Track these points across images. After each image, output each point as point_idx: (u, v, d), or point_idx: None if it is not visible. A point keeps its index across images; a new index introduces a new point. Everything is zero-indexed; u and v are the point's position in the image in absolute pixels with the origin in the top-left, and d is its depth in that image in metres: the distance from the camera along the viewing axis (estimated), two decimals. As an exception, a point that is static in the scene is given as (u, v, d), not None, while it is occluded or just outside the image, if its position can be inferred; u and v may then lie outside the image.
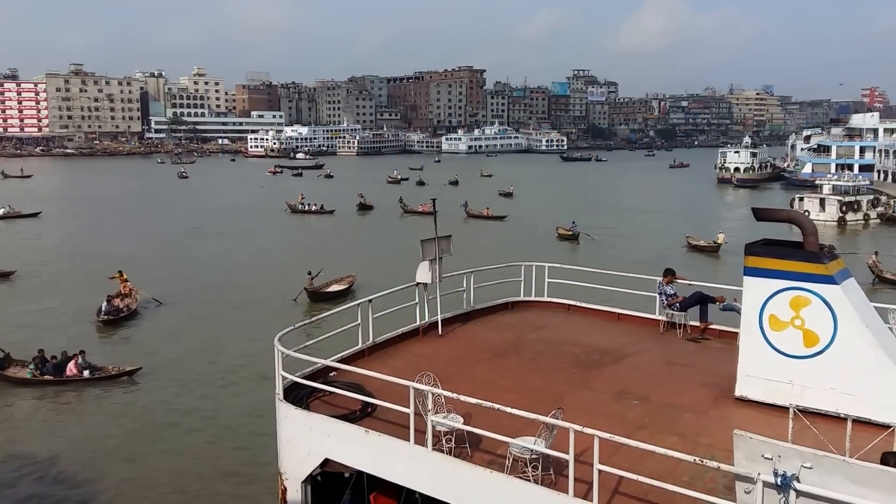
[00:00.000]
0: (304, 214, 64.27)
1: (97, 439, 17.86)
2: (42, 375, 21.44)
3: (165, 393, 20.85)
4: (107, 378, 21.62)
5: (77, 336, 25.20)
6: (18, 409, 19.94)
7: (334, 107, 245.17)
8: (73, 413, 19.85)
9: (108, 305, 28.48)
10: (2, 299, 32.11)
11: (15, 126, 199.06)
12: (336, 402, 9.77)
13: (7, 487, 15.31)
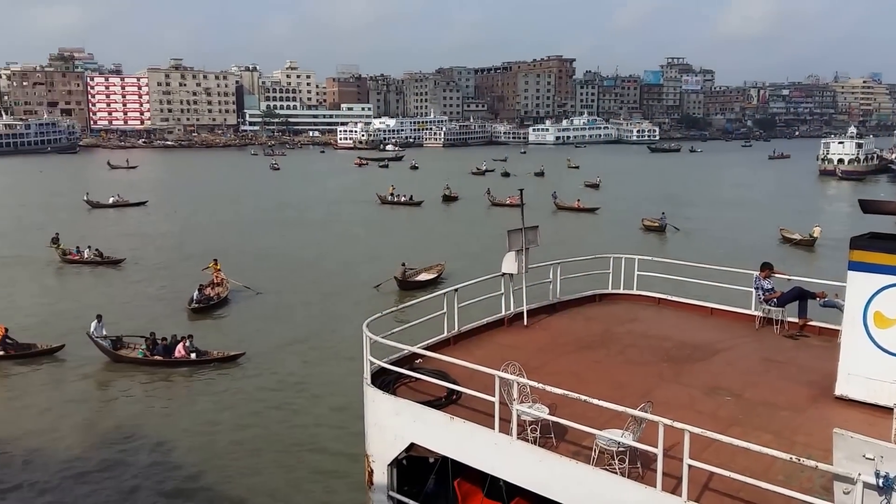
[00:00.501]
0: (394, 206, 64.80)
1: (200, 417, 18.66)
2: (152, 356, 22.37)
3: (261, 376, 21.55)
4: (211, 361, 22.44)
5: (170, 322, 26.24)
6: (131, 387, 20.90)
7: (421, 98, 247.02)
8: (180, 392, 20.69)
9: (199, 294, 29.37)
10: (111, 285, 33.67)
11: (119, 119, 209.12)
12: (421, 389, 9.88)
13: (118, 460, 16.10)
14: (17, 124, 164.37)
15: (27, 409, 19.13)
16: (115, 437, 17.33)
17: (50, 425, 17.98)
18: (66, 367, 22.22)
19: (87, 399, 19.97)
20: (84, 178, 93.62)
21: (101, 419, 18.51)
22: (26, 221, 53.66)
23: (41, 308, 29.11)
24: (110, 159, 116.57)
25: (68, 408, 19.14)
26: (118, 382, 21.20)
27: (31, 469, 15.67)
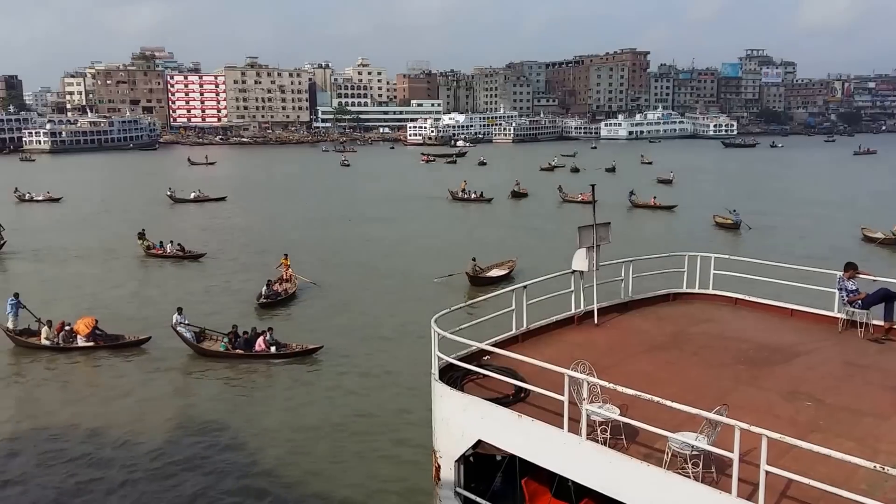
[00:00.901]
0: (465, 202, 64.43)
1: (278, 409, 18.92)
2: (234, 349, 22.72)
3: (336, 370, 21.78)
4: (290, 354, 22.64)
5: (238, 317, 26.55)
6: (213, 380, 21.27)
7: (491, 94, 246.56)
8: (260, 385, 20.95)
9: (268, 290, 29.55)
10: (190, 279, 34.48)
11: (197, 116, 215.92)
12: (489, 386, 9.84)
13: (198, 451, 16.51)
14: (101, 122, 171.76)
15: (114, 399, 19.76)
16: (196, 429, 17.76)
17: (135, 415, 18.51)
18: (152, 359, 22.81)
19: (171, 390, 20.49)
20: (166, 174, 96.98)
21: (184, 410, 18.98)
22: (113, 215, 55.79)
23: (127, 300, 30.08)
24: (190, 156, 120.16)
25: (153, 398, 19.70)
26: (201, 374, 21.66)
27: (115, 458, 16.16)
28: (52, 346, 23.39)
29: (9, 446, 16.78)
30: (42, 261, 38.41)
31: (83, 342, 23.39)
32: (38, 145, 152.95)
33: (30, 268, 36.77)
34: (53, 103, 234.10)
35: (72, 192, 69.07)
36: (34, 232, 47.59)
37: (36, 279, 33.41)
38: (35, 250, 41.01)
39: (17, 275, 35.05)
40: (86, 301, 29.05)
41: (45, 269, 36.24)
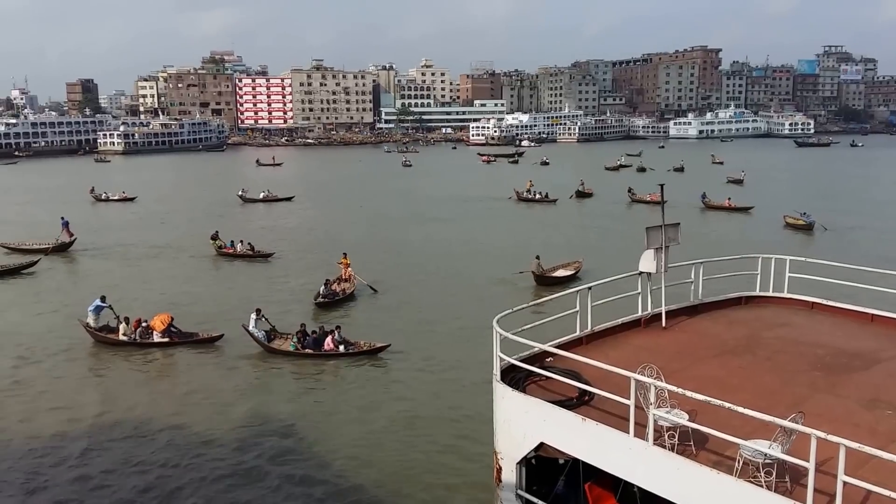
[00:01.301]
0: (529, 202, 63.50)
1: (344, 407, 19.02)
2: (303, 349, 22.80)
3: (401, 368, 21.81)
4: (358, 353, 22.71)
5: (303, 316, 26.75)
6: (282, 378, 21.44)
7: (556, 93, 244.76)
8: (328, 383, 21.04)
9: (326, 289, 29.35)
10: (259, 277, 34.92)
11: (264, 118, 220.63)
12: (552, 388, 9.70)
13: (267, 449, 16.64)
14: (171, 124, 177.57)
15: (186, 394, 20.17)
16: (265, 426, 17.90)
17: (205, 411, 18.81)
18: (224, 356, 23.12)
19: (242, 387, 20.73)
20: (234, 175, 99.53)
21: (253, 407, 19.17)
22: (186, 215, 57.19)
23: (198, 298, 30.58)
24: (259, 157, 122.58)
25: (224, 395, 20.01)
26: (271, 373, 21.87)
27: (185, 453, 16.44)
28: (129, 341, 24.01)
29: (86, 438, 17.29)
30: (116, 258, 39.52)
31: (158, 338, 23.94)
32: (112, 147, 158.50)
33: (105, 265, 37.87)
34: (127, 106, 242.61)
35: (145, 192, 71.11)
36: (110, 230, 49.14)
37: (110, 276, 34.39)
38: (110, 248, 42.31)
39: (94, 272, 36.18)
40: (158, 298, 29.78)
41: (120, 267, 37.31)
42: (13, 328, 26.26)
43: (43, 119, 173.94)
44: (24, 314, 28.41)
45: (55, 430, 17.71)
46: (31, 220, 47.84)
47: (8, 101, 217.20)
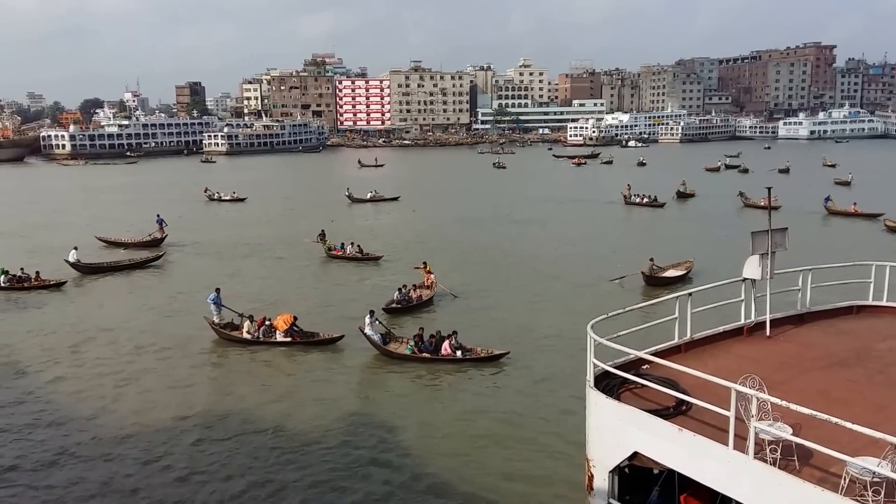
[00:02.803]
0: (636, 206, 60.97)
1: (454, 411, 18.96)
2: (420, 353, 22.65)
3: (508, 376, 21.41)
4: (476, 359, 22.33)
5: (404, 319, 26.79)
6: (398, 381, 21.40)
7: (658, 92, 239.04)
8: (445, 388, 20.92)
9: (400, 295, 28.74)
10: (366, 280, 34.61)
11: (363, 120, 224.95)
12: (647, 396, 9.49)
13: (376, 452, 16.71)
14: (273, 125, 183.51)
15: (304, 393, 20.49)
16: (378, 428, 17.92)
17: (320, 410, 19.00)
18: (342, 357, 23.37)
19: (358, 389, 20.89)
20: (337, 176, 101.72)
21: (367, 409, 19.25)
22: (295, 216, 58.33)
23: (308, 299, 30.75)
24: (361, 158, 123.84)
25: (340, 396, 20.19)
26: (387, 376, 21.88)
27: (298, 450, 16.72)
28: (252, 339, 24.50)
29: (199, 430, 17.94)
30: (229, 258, 40.64)
31: (281, 337, 24.34)
32: (216, 147, 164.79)
33: (218, 264, 39.00)
34: (232, 108, 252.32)
35: (253, 193, 73.09)
36: (224, 229, 50.93)
37: (224, 275, 35.30)
38: (225, 246, 43.71)
39: (210, 269, 37.32)
40: (270, 297, 30.44)
41: (235, 265, 38.38)
42: (143, 323, 27.49)
43: (153, 121, 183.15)
44: (152, 308, 29.77)
45: (171, 421, 18.48)
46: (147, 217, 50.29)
47: (121, 102, 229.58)
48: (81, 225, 53.02)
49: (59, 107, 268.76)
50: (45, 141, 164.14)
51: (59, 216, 60.50)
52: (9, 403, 19.85)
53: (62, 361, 23.32)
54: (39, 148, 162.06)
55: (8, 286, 32.42)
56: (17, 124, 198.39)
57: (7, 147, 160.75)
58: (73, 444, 17.18)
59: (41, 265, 35.18)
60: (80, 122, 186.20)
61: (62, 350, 24.40)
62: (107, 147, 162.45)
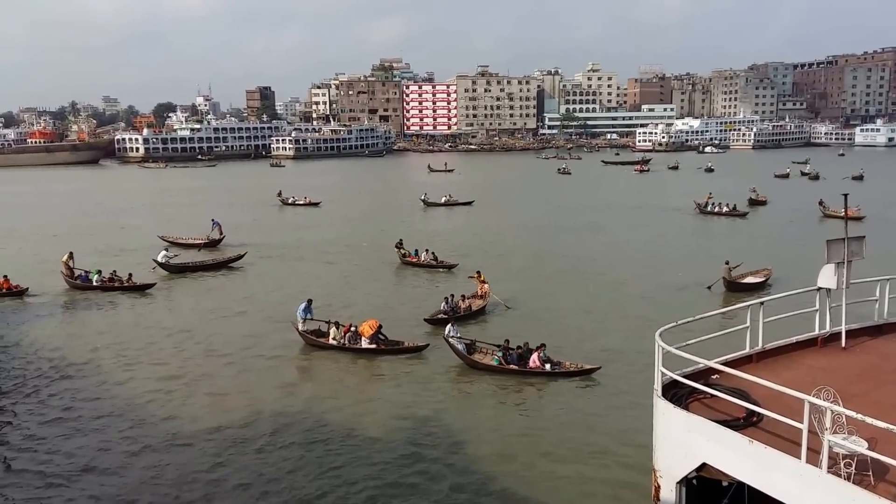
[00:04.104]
0: (713, 216, 58.41)
1: (536, 426, 18.51)
2: (507, 364, 22.04)
3: (607, 390, 20.85)
4: (565, 374, 21.68)
5: (414, 331, 26.25)
6: (482, 393, 20.96)
7: (730, 97, 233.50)
8: (532, 402, 20.34)
9: (447, 305, 27.97)
10: (440, 287, 32.98)
11: (429, 124, 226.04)
12: (716, 406, 9.35)
13: (457, 463, 16.59)
14: (341, 130, 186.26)
15: (386, 401, 20.27)
16: (457, 441, 17.68)
17: (399, 419, 18.85)
18: (426, 366, 23.04)
19: (441, 399, 20.58)
20: (408, 180, 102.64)
21: (448, 420, 18.89)
22: (369, 221, 58.62)
23: (385, 305, 30.45)
24: (430, 163, 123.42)
25: (422, 404, 19.92)
26: (470, 387, 21.48)
27: (373, 458, 16.79)
28: (338, 345, 24.50)
29: (281, 432, 18.17)
30: (305, 261, 40.94)
31: (366, 344, 24.18)
32: (284, 151, 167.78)
33: (295, 267, 39.34)
34: (301, 112, 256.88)
35: (326, 197, 73.53)
36: (298, 233, 51.54)
37: (300, 279, 35.72)
38: (298, 250, 44.18)
39: (285, 273, 37.70)
40: (347, 303, 30.24)
41: (308, 269, 38.55)
42: (227, 325, 27.99)
43: (224, 125, 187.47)
44: (237, 310, 30.28)
45: (251, 421, 18.78)
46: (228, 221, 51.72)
47: (193, 106, 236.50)
48: (150, 225, 54.52)
49: (134, 111, 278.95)
50: (119, 144, 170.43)
51: (128, 217, 62.66)
52: (86, 399, 20.59)
53: (144, 361, 23.88)
54: (114, 151, 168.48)
55: (100, 286, 33.54)
56: (92, 127, 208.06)
57: (83, 150, 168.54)
58: (147, 442, 17.67)
59: (119, 265, 36.42)
60: (154, 126, 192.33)
61: (147, 349, 25.03)
62: (178, 150, 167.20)
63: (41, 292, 33.27)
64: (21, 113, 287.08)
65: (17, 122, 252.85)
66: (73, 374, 22.60)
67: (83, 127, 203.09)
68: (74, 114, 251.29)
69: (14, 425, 18.93)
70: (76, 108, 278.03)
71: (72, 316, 30.21)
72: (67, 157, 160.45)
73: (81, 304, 31.58)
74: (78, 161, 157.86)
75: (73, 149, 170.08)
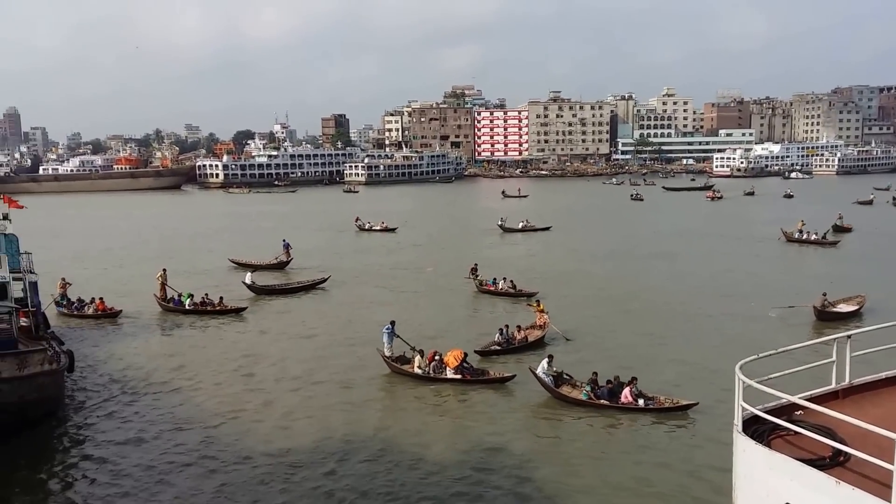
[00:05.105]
0: (799, 244, 55.58)
1: (623, 464, 17.95)
2: (597, 398, 21.22)
3: (698, 426, 20.00)
4: (659, 410, 20.73)
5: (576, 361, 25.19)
6: (571, 429, 20.29)
7: (812, 122, 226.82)
8: (621, 438, 19.68)
9: (502, 336, 27.32)
10: (519, 318, 31.33)
11: (500, 150, 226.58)
12: (800, 444, 8.91)
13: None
14: (412, 156, 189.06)
15: (470, 432, 19.97)
16: (542, 475, 17.40)
17: (484, 449, 18.70)
18: (512, 398, 22.63)
19: (521, 432, 20.17)
20: (481, 206, 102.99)
21: (528, 455, 18.37)
22: (446, 245, 59.13)
23: (461, 334, 29.34)
24: (504, 189, 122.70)
25: (505, 438, 19.21)
26: (557, 421, 20.85)
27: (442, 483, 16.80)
28: (422, 374, 24.13)
29: (358, 457, 18.29)
30: (382, 287, 40.81)
31: (451, 374, 23.73)
32: (356, 177, 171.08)
33: (374, 293, 39.32)
34: (374, 139, 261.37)
35: (401, 222, 73.30)
36: (375, 258, 52.04)
37: (380, 304, 35.75)
38: (376, 276, 44.14)
39: (365, 298, 37.81)
40: (426, 331, 29.48)
41: (386, 295, 38.40)
42: (311, 349, 28.25)
43: (300, 151, 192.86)
44: (321, 334, 30.59)
45: (326, 445, 18.98)
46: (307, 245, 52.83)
47: (270, 134, 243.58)
48: (230, 247, 55.89)
49: (214, 138, 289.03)
50: (200, 170, 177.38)
51: (209, 240, 64.66)
52: (166, 417, 21.30)
53: (226, 382, 24.45)
54: (195, 176, 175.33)
55: (192, 309, 34.46)
56: (175, 154, 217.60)
57: (166, 175, 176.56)
58: (224, 461, 18.12)
59: (201, 286, 37.67)
60: (233, 153, 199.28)
61: (231, 371, 25.58)
62: (256, 176, 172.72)
63: (135, 314, 34.47)
64: (108, 140, 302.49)
65: (104, 149, 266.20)
66: (156, 393, 23.41)
67: (166, 153, 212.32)
68: (158, 141, 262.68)
69: (97, 441, 19.78)
70: (160, 135, 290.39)
71: (161, 337, 31.15)
72: (151, 183, 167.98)
73: (172, 327, 32.62)
74: (161, 186, 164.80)
75: (156, 175, 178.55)
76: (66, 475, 17.91)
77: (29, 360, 20.37)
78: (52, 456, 19.16)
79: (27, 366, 20.10)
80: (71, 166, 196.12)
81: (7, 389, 19.16)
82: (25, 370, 19.91)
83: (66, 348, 24.73)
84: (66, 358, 23.04)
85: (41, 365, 20.61)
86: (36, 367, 20.33)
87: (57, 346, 24.24)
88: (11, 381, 19.31)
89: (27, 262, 28.99)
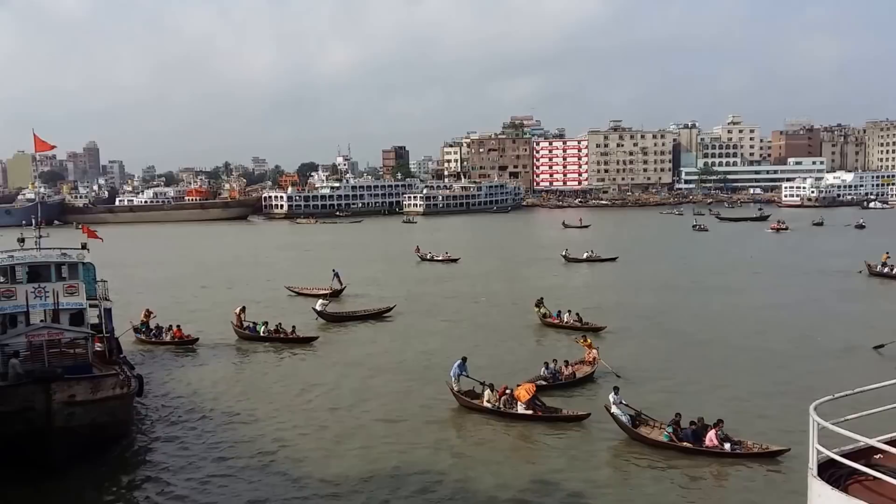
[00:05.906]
0: (883, 278, 52.45)
1: None
2: (679, 441, 20.13)
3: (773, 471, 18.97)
4: (746, 455, 19.49)
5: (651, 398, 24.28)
6: (649, 473, 19.28)
7: (887, 149, 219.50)
8: (704, 486, 18.66)
9: (548, 371, 26.73)
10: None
11: (559, 180, 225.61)
12: (879, 490, 8.51)
13: None
14: (471, 186, 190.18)
15: (540, 474, 19.34)
16: None
17: (558, 493, 18.20)
18: (586, 437, 21.79)
19: (600, 474, 19.44)
20: (541, 236, 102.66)
21: (608, 499, 17.98)
22: (509, 276, 58.77)
23: (530, 369, 28.14)
24: (565, 219, 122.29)
25: (577, 479, 18.94)
26: (635, 464, 19.82)
27: None
28: (492, 409, 23.55)
29: (428, 489, 18.31)
30: (445, 318, 40.62)
31: (522, 409, 22.94)
32: (415, 208, 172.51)
33: (439, 324, 39.18)
34: (433, 170, 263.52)
35: (462, 253, 72.89)
36: (435, 287, 52.23)
37: (444, 336, 35.86)
38: (439, 307, 44.10)
39: (431, 329, 37.75)
40: (490, 365, 28.76)
41: (450, 327, 38.28)
42: (379, 381, 28.12)
43: (361, 182, 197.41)
44: (388, 362, 30.87)
45: (398, 479, 18.97)
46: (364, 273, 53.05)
47: (333, 166, 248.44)
48: (293, 276, 56.15)
49: (280, 170, 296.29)
50: (266, 201, 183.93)
51: (274, 268, 65.79)
52: (245, 443, 21.75)
53: (298, 409, 24.89)
54: (261, 207, 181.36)
55: (266, 337, 35.30)
56: (242, 186, 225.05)
57: (234, 206, 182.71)
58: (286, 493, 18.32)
59: (270, 313, 38.72)
60: (297, 185, 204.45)
61: (301, 398, 26.07)
62: (319, 207, 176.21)
63: (210, 342, 35.43)
64: (180, 172, 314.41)
65: (176, 181, 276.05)
66: (221, 419, 23.94)
67: (234, 185, 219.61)
68: (227, 173, 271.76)
69: (159, 465, 20.39)
70: (228, 168, 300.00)
71: (231, 364, 31.90)
72: (219, 214, 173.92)
73: (246, 354, 33.51)
74: (229, 217, 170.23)
75: (224, 206, 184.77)
76: (130, 497, 18.58)
77: (102, 385, 21.03)
78: (119, 479, 19.80)
79: (100, 389, 20.72)
80: (145, 197, 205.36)
81: (81, 412, 19.76)
82: (98, 394, 20.52)
83: (136, 373, 25.52)
84: (136, 382, 23.79)
85: (113, 389, 21.26)
86: (108, 391, 20.96)
87: (128, 370, 25.07)
88: (85, 405, 19.92)
89: (103, 289, 30.23)
